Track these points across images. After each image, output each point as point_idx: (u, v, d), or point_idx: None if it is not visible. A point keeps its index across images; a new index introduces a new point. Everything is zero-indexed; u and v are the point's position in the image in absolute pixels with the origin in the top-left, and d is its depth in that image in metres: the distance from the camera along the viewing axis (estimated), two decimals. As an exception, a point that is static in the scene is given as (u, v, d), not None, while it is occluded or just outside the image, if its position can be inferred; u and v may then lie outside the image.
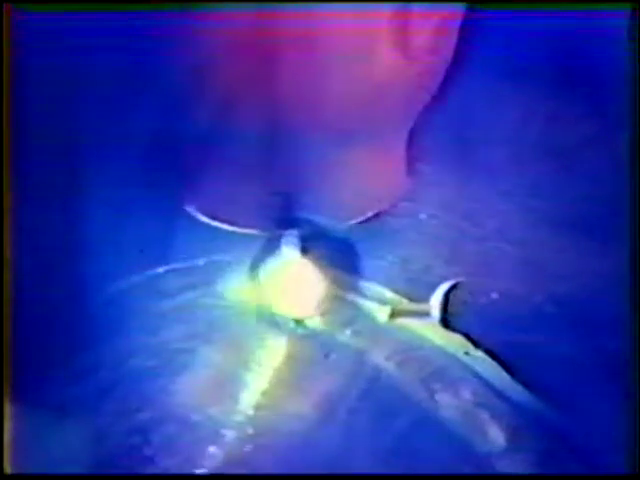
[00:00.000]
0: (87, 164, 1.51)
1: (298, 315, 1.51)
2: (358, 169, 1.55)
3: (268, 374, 1.46)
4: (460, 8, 1.48)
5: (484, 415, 1.43)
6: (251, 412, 1.44)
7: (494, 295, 1.52)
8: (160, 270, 1.53)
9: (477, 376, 1.46)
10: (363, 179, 1.56)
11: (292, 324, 1.51)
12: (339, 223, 1.57)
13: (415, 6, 1.38)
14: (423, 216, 1.63)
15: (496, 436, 1.41)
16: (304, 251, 1.51)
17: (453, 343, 1.49)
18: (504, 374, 1.45)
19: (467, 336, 1.46)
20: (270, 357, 1.48)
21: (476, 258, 1.58)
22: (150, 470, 1.42)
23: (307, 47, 1.36)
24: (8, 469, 1.29)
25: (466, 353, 1.47)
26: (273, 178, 1.52)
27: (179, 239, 1.55)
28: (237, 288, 1.54)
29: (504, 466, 1.39)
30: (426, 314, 1.47)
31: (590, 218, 1.52)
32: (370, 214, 1.60)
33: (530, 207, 1.56)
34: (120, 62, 1.44)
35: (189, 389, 1.46)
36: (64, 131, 1.51)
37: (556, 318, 1.47)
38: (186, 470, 1.42)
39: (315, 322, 1.52)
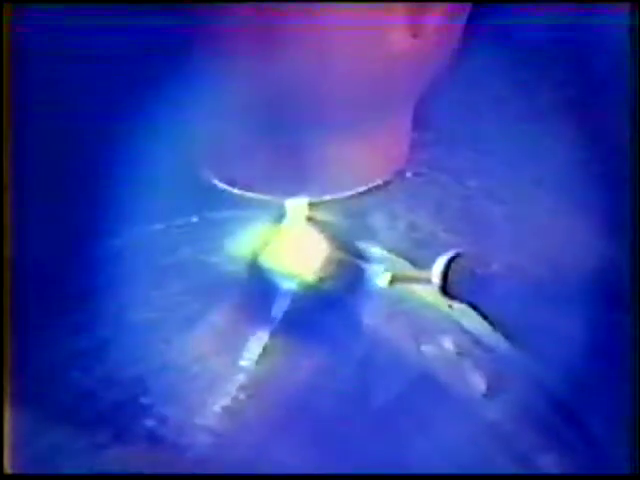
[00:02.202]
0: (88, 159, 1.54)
1: (300, 275, 1.57)
2: (365, 141, 1.58)
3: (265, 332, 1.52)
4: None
5: (466, 363, 1.50)
6: (250, 365, 1.49)
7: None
8: (158, 226, 1.56)
9: (460, 327, 1.53)
10: (370, 150, 1.60)
11: (293, 284, 1.56)
12: (343, 192, 1.62)
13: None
14: (409, 174, 1.69)
15: (478, 383, 1.49)
16: (308, 217, 1.56)
17: (438, 298, 1.55)
18: (486, 325, 1.52)
19: (471, 305, 1.51)
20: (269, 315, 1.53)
21: (460, 214, 1.63)
22: (148, 419, 1.47)
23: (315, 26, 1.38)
24: (8, 469, 1.30)
25: (450, 306, 1.54)
26: (282, 145, 1.55)
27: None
28: (236, 246, 1.58)
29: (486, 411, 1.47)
30: (427, 281, 1.53)
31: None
32: (374, 184, 1.64)
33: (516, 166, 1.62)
34: (121, 60, 1.47)
35: (190, 341, 1.52)
36: (64, 128, 1.53)
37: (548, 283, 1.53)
38: (184, 419, 1.47)
39: (315, 283, 1.58)
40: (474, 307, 1.53)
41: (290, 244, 1.58)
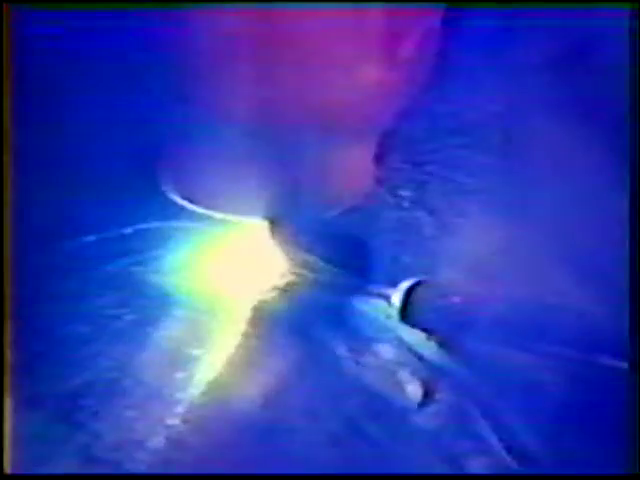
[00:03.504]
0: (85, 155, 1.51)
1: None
2: (335, 166, 1.58)
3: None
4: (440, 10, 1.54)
5: (404, 372, 1.53)
6: (182, 374, 1.48)
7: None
8: (91, 238, 1.52)
9: (398, 338, 1.56)
10: (339, 175, 1.60)
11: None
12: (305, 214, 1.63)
13: (401, 10, 1.44)
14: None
15: (414, 391, 1.52)
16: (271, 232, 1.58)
17: (376, 309, 1.58)
18: (422, 335, 1.55)
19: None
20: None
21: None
22: (82, 435, 1.44)
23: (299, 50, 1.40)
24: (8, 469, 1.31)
25: (388, 317, 1.57)
26: (246, 165, 1.54)
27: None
28: (173, 259, 1.57)
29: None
30: (386, 298, 1.56)
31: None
32: (342, 209, 1.64)
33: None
34: (119, 58, 1.44)
35: (123, 355, 1.49)
36: (64, 126, 1.49)
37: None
38: (116, 435, 1.45)
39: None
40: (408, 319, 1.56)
41: (238, 260, 1.59)
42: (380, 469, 1.43)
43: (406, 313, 1.53)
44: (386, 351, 1.56)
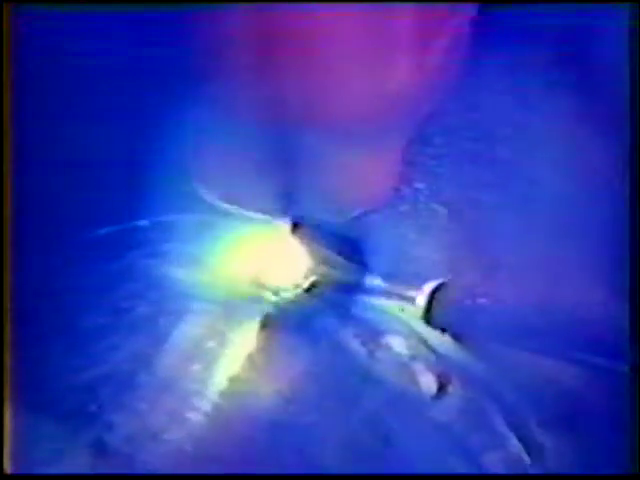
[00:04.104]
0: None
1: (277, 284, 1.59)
2: (355, 168, 1.57)
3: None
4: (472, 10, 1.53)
5: (418, 366, 1.53)
6: (196, 367, 1.48)
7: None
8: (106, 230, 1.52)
9: (412, 331, 1.55)
10: (359, 178, 1.59)
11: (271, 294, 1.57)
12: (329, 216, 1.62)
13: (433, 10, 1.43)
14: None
15: (429, 384, 1.52)
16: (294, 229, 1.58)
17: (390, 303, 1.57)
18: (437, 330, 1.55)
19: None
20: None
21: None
22: (96, 425, 1.44)
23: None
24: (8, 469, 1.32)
25: (401, 309, 1.57)
26: (273, 166, 1.54)
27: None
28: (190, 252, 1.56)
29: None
30: (411, 301, 1.56)
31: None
32: (361, 212, 1.63)
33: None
34: (119, 58, 1.44)
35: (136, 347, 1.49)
36: (64, 125, 1.49)
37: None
38: (131, 424, 1.45)
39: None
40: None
41: (257, 255, 1.59)
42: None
43: (430, 315, 1.53)
44: (399, 344, 1.56)
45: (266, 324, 1.51)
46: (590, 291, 1.44)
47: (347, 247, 1.58)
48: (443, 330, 1.54)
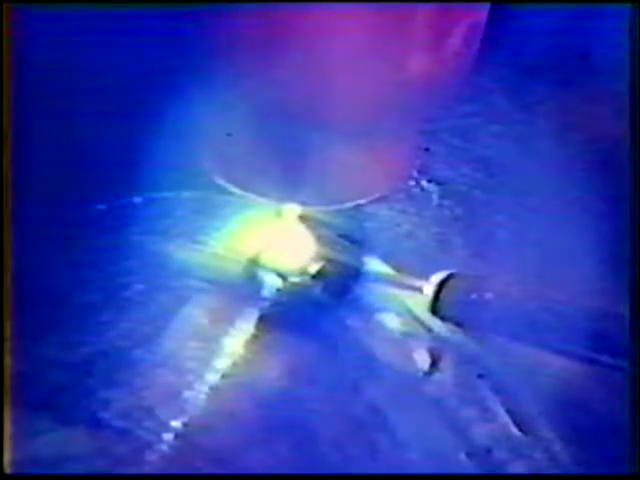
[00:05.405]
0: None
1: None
2: (367, 154, 1.56)
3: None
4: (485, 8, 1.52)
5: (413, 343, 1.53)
6: (187, 343, 1.49)
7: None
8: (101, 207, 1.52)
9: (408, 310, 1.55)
10: (371, 163, 1.58)
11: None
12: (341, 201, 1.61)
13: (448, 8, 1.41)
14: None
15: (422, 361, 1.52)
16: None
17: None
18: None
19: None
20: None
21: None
22: (91, 401, 1.45)
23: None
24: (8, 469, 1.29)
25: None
26: (283, 150, 1.53)
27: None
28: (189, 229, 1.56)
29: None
30: (419, 290, 1.55)
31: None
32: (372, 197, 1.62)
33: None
34: (119, 59, 1.43)
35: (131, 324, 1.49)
36: (64, 125, 1.48)
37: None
38: (125, 401, 1.46)
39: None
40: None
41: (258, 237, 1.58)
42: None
43: (437, 306, 1.52)
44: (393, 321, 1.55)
45: (267, 306, 1.51)
46: (594, 287, 1.43)
47: (355, 234, 1.58)
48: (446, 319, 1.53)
